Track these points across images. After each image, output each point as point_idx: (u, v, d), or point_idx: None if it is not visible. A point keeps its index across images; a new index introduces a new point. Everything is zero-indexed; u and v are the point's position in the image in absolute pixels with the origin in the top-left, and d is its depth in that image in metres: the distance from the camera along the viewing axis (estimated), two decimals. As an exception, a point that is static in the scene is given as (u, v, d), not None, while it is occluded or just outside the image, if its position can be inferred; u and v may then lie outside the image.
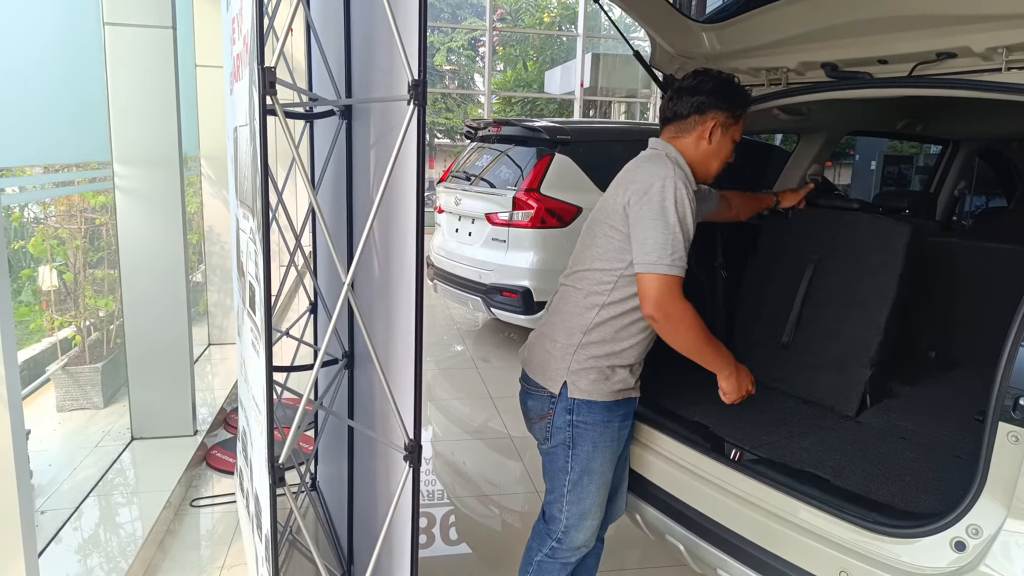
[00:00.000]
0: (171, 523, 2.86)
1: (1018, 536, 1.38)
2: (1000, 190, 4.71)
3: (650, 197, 1.75)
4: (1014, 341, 1.40)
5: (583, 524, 1.95)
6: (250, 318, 1.95)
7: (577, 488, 1.91)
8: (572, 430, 1.89)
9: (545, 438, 1.95)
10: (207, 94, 4.81)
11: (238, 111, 2.09)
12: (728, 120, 1.89)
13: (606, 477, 1.94)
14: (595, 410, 1.88)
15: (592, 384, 1.87)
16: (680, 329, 1.76)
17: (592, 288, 1.87)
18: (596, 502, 1.94)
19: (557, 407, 1.90)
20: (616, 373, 1.88)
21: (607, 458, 1.93)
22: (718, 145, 1.90)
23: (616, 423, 1.92)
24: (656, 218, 1.73)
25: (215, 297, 5.16)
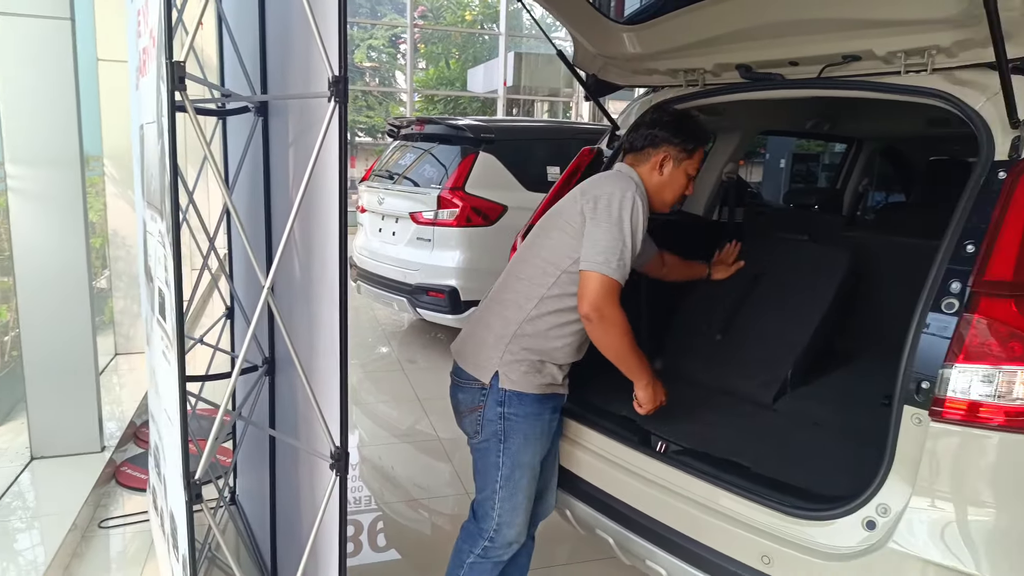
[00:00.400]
0: (78, 546, 2.70)
1: (921, 512, 1.47)
2: (899, 186, 5.00)
3: (610, 203, 1.84)
4: (916, 329, 1.48)
5: (515, 520, 1.95)
6: (160, 326, 1.86)
7: (509, 482, 1.92)
8: (503, 423, 1.90)
9: (476, 431, 1.95)
10: (110, 89, 4.57)
11: (144, 107, 1.99)
12: (680, 154, 2.00)
13: (536, 471, 1.97)
14: (526, 402, 1.90)
15: (523, 376, 1.89)
16: (611, 333, 1.83)
17: (535, 279, 1.92)
18: (528, 496, 1.96)
19: (488, 399, 1.91)
20: (546, 367, 1.92)
21: (537, 451, 1.95)
22: (670, 177, 2.00)
23: (547, 415, 1.95)
24: (612, 223, 1.82)
25: (121, 304, 4.92)
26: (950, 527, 1.44)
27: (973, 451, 1.43)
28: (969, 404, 1.41)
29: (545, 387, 1.93)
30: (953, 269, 1.48)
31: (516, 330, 1.91)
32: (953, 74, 1.75)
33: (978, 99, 1.66)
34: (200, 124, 1.50)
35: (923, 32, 1.75)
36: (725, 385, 2.37)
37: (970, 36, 1.67)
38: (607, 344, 1.85)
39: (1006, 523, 1.41)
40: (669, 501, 1.86)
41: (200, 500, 1.57)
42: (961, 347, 1.42)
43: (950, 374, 1.42)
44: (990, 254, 1.44)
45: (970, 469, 1.44)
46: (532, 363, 1.90)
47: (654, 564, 1.91)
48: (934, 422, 1.44)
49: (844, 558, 1.54)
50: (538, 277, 1.92)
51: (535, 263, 1.94)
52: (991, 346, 1.40)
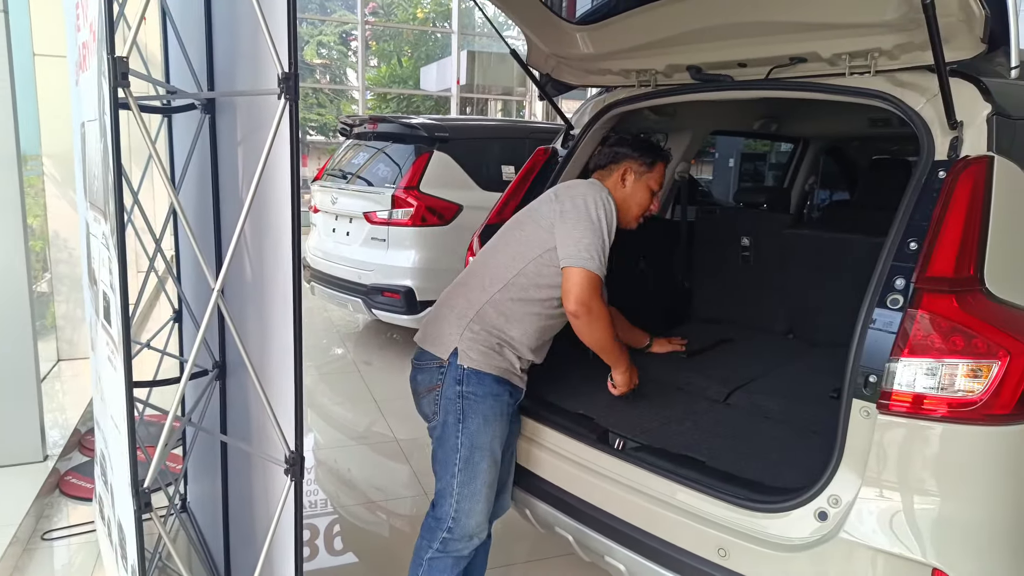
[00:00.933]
0: (19, 559, 2.59)
1: (870, 502, 1.51)
2: (844, 185, 5.15)
3: (586, 203, 1.93)
4: (863, 324, 1.53)
5: (474, 508, 1.94)
6: (105, 330, 1.80)
7: (469, 466, 1.91)
8: (462, 402, 1.90)
9: (434, 412, 1.95)
10: (48, 86, 4.40)
11: (85, 105, 1.92)
12: (640, 167, 2.10)
13: (496, 456, 1.95)
14: (485, 381, 1.90)
15: (482, 355, 1.91)
16: (597, 327, 1.90)
17: (503, 264, 1.96)
18: (487, 482, 1.94)
19: (446, 377, 1.91)
20: (505, 352, 1.94)
21: (496, 434, 1.94)
22: (633, 189, 2.10)
23: (505, 398, 1.95)
24: (590, 221, 1.90)
25: (64, 308, 4.75)
26: (897, 516, 1.48)
27: (918, 442, 1.48)
28: (914, 397, 1.46)
29: (503, 370, 1.93)
30: (897, 266, 1.52)
31: (479, 309, 1.94)
32: (895, 76, 1.81)
33: (918, 100, 1.72)
34: (145, 122, 1.45)
35: (866, 35, 1.80)
36: (679, 381, 2.41)
37: (910, 39, 1.73)
38: (594, 338, 1.94)
39: (949, 511, 1.46)
40: (626, 497, 1.88)
41: (149, 508, 1.53)
42: (906, 341, 1.47)
43: (896, 368, 1.47)
44: (932, 251, 1.49)
45: (915, 459, 1.49)
46: (492, 344, 1.92)
47: (613, 560, 1.93)
48: (881, 414, 1.48)
49: (797, 549, 1.57)
50: (506, 262, 1.97)
51: (505, 251, 2.00)
52: (934, 340, 1.45)
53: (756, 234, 3.04)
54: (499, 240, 2.08)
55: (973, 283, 1.48)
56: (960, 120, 1.60)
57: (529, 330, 1.96)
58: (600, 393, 2.20)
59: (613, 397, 2.17)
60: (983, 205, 1.51)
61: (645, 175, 2.11)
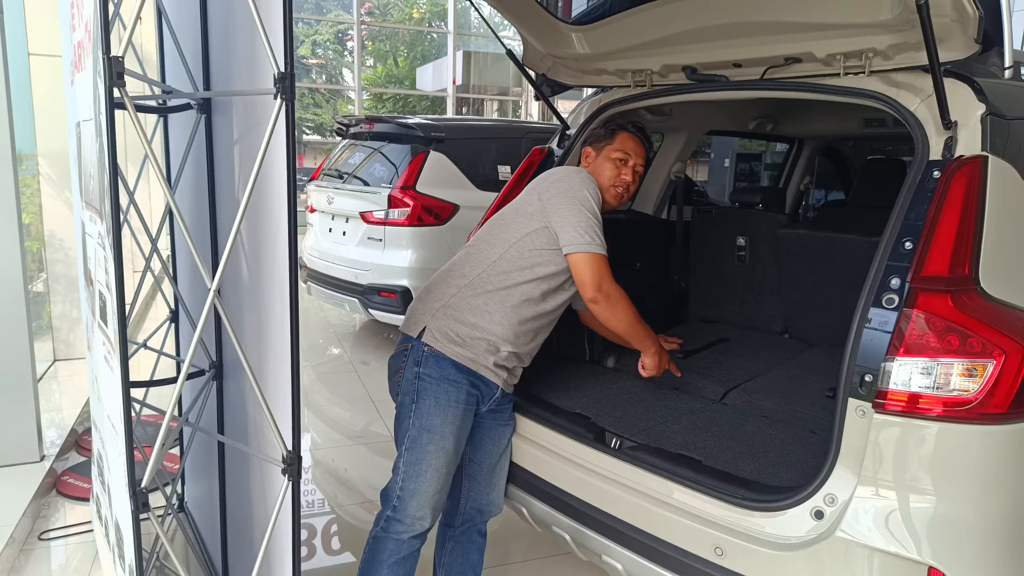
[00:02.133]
0: (16, 560, 2.59)
1: (866, 501, 1.52)
2: (838, 185, 5.16)
3: (570, 186, 1.92)
4: (859, 323, 1.53)
5: (418, 490, 1.89)
6: (101, 330, 1.80)
7: (416, 446, 1.88)
8: (417, 382, 1.89)
9: (397, 393, 1.97)
10: (43, 85, 4.39)
11: (81, 104, 1.92)
12: (597, 143, 2.12)
13: (447, 443, 1.89)
14: (443, 364, 1.89)
15: (448, 340, 1.90)
16: (618, 308, 1.91)
17: (484, 250, 1.97)
18: (433, 467, 1.89)
19: (408, 359, 1.92)
20: (475, 343, 1.91)
21: (449, 421, 1.89)
22: (596, 164, 2.09)
23: (463, 386, 1.90)
24: (577, 203, 1.89)
25: (60, 308, 4.74)
26: (893, 515, 1.49)
27: (914, 441, 1.48)
28: (910, 396, 1.47)
29: (468, 359, 1.90)
30: (892, 266, 1.53)
31: (455, 294, 1.93)
32: (889, 76, 1.81)
33: (913, 101, 1.73)
34: (140, 122, 1.45)
35: (861, 36, 1.81)
36: (675, 380, 2.42)
37: (904, 40, 1.73)
38: (616, 321, 1.93)
39: (944, 510, 1.47)
40: (623, 496, 1.88)
41: (147, 508, 1.52)
42: (902, 341, 1.47)
43: (891, 367, 1.48)
44: (927, 251, 1.50)
45: (911, 459, 1.49)
46: (461, 332, 1.90)
47: (610, 559, 1.93)
48: (877, 414, 1.49)
49: (794, 547, 1.58)
50: (487, 249, 1.97)
51: (487, 239, 2.00)
52: (929, 339, 1.46)
53: (752, 234, 3.04)
54: (483, 232, 2.08)
55: (968, 282, 1.49)
56: (954, 120, 1.61)
57: (507, 322, 1.92)
58: (597, 392, 2.21)
59: (610, 396, 2.17)
60: (978, 205, 1.52)
61: (604, 148, 2.10)
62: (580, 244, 1.85)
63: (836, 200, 5.24)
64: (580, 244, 1.85)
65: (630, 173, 2.09)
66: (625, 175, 2.07)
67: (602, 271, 1.86)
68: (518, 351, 1.97)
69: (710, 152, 12.13)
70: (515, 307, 1.92)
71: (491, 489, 2.12)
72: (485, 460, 2.09)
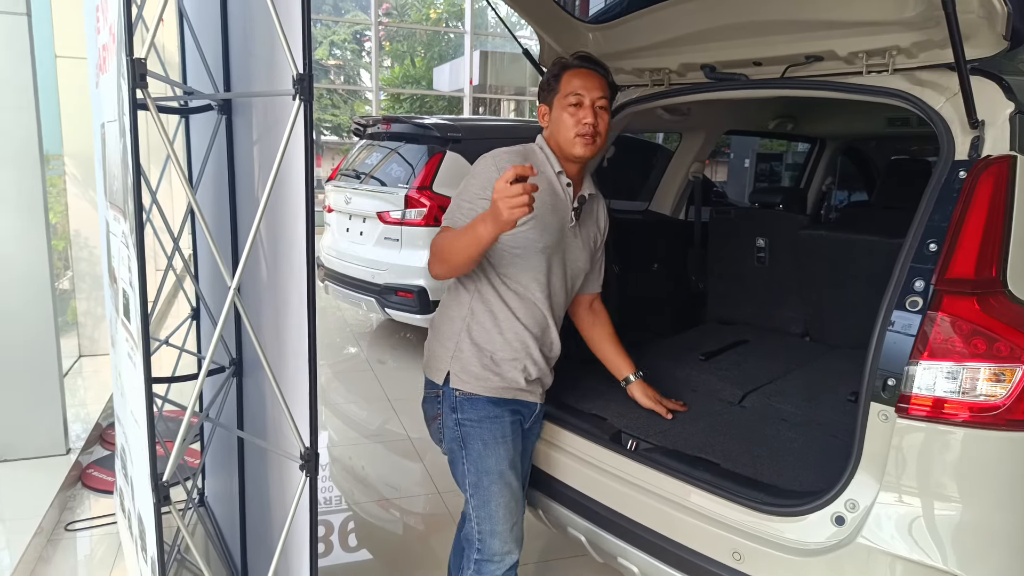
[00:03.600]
0: (44, 550, 2.64)
1: (888, 507, 1.49)
2: (861, 185, 5.10)
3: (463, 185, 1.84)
4: (882, 326, 1.51)
5: (495, 529, 1.85)
6: (125, 327, 1.82)
7: (479, 491, 1.84)
8: (460, 429, 1.83)
9: (440, 439, 1.92)
10: (70, 87, 4.46)
11: (105, 106, 1.95)
12: (547, 95, 1.86)
13: (507, 478, 1.84)
14: (478, 405, 1.82)
15: (474, 377, 1.81)
16: (434, 258, 1.78)
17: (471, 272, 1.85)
18: (503, 504, 1.84)
19: (443, 406, 1.85)
20: (501, 367, 1.82)
21: (502, 456, 1.84)
22: (554, 117, 1.84)
23: (506, 418, 1.84)
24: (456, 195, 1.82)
25: (85, 306, 4.81)
26: (917, 522, 1.46)
27: (938, 447, 1.46)
28: (934, 400, 1.44)
29: (501, 389, 1.83)
30: (916, 267, 1.50)
31: (467, 323, 1.83)
32: (914, 74, 1.78)
33: (938, 99, 1.70)
34: (163, 122, 1.46)
35: (884, 33, 1.78)
36: (693, 382, 2.40)
37: (929, 37, 1.70)
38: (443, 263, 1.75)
39: (971, 517, 1.44)
40: (640, 498, 1.87)
41: (168, 502, 1.55)
42: (926, 344, 1.45)
43: (915, 371, 1.45)
44: (952, 252, 1.47)
45: (936, 465, 1.46)
46: (484, 362, 1.81)
47: (626, 561, 1.92)
48: (900, 418, 1.46)
49: (814, 553, 1.56)
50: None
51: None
52: (955, 343, 1.43)
53: (772, 235, 3.02)
54: None
55: (995, 285, 1.46)
56: (981, 119, 1.57)
57: (502, 320, 1.82)
58: (614, 394, 2.19)
59: (627, 397, 2.16)
60: (1005, 205, 1.49)
61: (554, 98, 1.83)
62: (444, 219, 1.81)
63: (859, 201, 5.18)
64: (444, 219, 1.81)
65: (589, 113, 1.79)
66: (584, 117, 1.78)
67: (435, 239, 1.78)
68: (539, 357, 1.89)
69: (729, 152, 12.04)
70: (501, 310, 1.82)
71: (524, 502, 2.03)
72: (525, 472, 2.04)
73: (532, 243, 1.80)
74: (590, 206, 1.99)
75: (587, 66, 1.84)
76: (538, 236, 1.80)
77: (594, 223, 2.02)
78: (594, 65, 1.86)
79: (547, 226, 1.81)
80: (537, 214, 1.76)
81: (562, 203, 1.86)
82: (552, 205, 1.84)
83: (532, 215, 1.70)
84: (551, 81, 1.86)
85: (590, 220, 1.99)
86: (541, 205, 1.77)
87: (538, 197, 1.68)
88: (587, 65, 1.85)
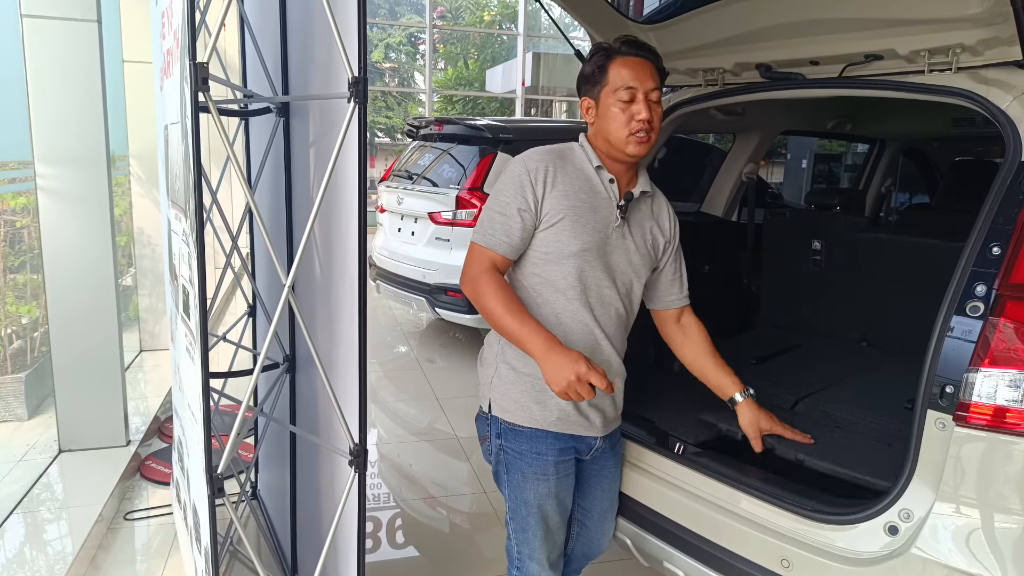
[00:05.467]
0: (104, 538, 2.74)
1: (945, 518, 1.45)
2: (923, 187, 4.93)
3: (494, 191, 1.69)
4: (940, 332, 1.46)
5: (532, 554, 1.77)
6: (184, 323, 1.88)
7: (516, 517, 1.76)
8: (503, 455, 1.73)
9: (489, 460, 1.83)
10: (136, 90, 4.64)
11: (168, 108, 2.02)
12: (592, 87, 1.68)
13: (546, 511, 1.73)
14: (520, 438, 1.69)
15: (516, 405, 1.68)
16: (483, 300, 1.60)
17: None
18: (539, 536, 1.75)
19: (491, 428, 1.75)
20: (543, 394, 1.65)
21: (542, 493, 1.71)
22: (600, 113, 1.67)
23: (550, 457, 1.69)
24: (488, 204, 1.68)
25: (146, 301, 4.98)
26: (975, 534, 1.41)
27: (999, 457, 1.40)
28: (995, 409, 1.38)
29: (546, 422, 1.67)
30: (978, 271, 1.45)
31: (501, 343, 1.70)
32: (979, 73, 1.72)
33: (1004, 98, 1.64)
34: (223, 125, 1.51)
35: (947, 31, 1.72)
36: None
37: (996, 35, 1.64)
38: (483, 312, 1.61)
39: (1032, 530, 1.39)
40: (687, 502, 1.85)
41: (222, 494, 1.59)
42: (987, 351, 1.39)
43: (975, 378, 1.40)
44: (1016, 256, 1.41)
45: (996, 476, 1.41)
46: (525, 388, 1.67)
47: (671, 566, 1.90)
48: (958, 427, 1.42)
49: (865, 563, 1.52)
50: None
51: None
52: (1018, 350, 1.37)
53: (828, 237, 2.94)
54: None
55: (1061, 291, 1.40)
56: (1051, 119, 1.51)
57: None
58: (661, 395, 2.17)
59: (675, 400, 2.13)
60: (1074, 208, 1.43)
61: (601, 92, 1.65)
62: (474, 234, 1.67)
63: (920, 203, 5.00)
64: (474, 234, 1.67)
65: (644, 107, 1.60)
66: (638, 113, 1.60)
67: (471, 259, 1.64)
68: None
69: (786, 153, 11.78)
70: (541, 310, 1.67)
71: (601, 535, 1.95)
72: (595, 507, 1.89)
73: (564, 245, 1.64)
74: (644, 204, 1.78)
75: (636, 52, 1.64)
76: (571, 237, 1.63)
77: (652, 223, 1.79)
78: (643, 51, 1.65)
79: (584, 225, 1.64)
80: (568, 214, 1.63)
81: (603, 200, 1.69)
82: (590, 203, 1.67)
83: (563, 215, 1.62)
84: (595, 72, 1.66)
85: (646, 220, 1.77)
86: (576, 202, 1.64)
87: (572, 195, 1.64)
88: (636, 52, 1.64)
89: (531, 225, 1.64)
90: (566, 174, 1.66)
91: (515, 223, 1.62)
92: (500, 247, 1.63)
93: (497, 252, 1.63)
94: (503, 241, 1.63)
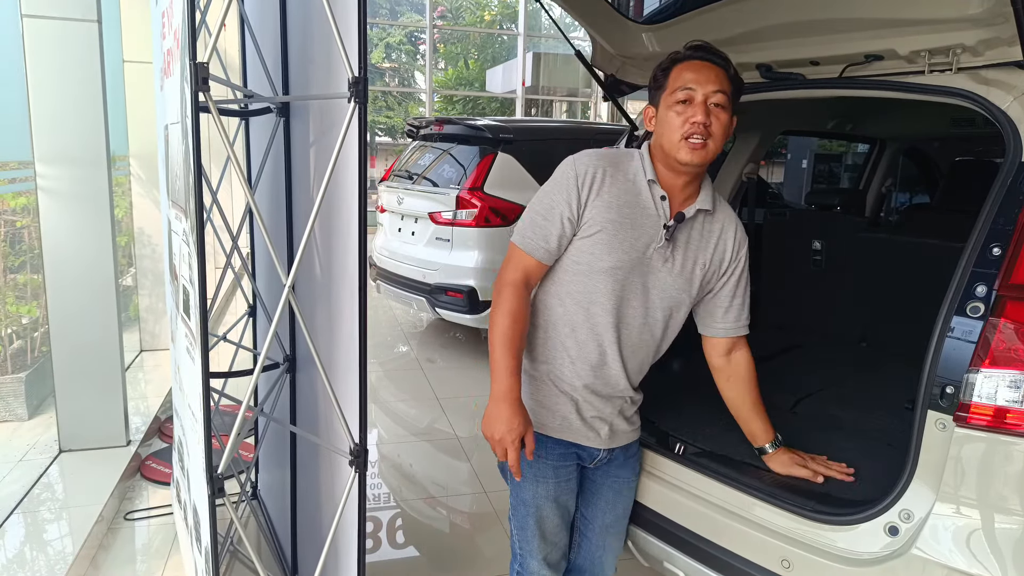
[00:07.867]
0: (104, 538, 2.74)
1: (945, 519, 1.45)
2: (923, 187, 4.93)
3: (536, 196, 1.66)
4: (940, 333, 1.46)
5: (531, 551, 1.77)
6: (184, 323, 1.88)
7: (516, 515, 1.77)
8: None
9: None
10: (136, 90, 4.64)
11: (169, 108, 2.02)
12: (654, 94, 1.63)
13: (545, 512, 1.73)
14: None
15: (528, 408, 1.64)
16: (496, 310, 1.58)
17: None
18: (538, 535, 1.74)
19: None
20: (555, 402, 1.66)
21: (541, 494, 1.71)
22: (660, 120, 1.60)
23: (551, 461, 1.69)
24: (530, 206, 1.64)
25: (146, 301, 4.99)
26: (976, 535, 1.41)
27: (1000, 458, 1.40)
28: (996, 410, 1.38)
29: (549, 427, 1.67)
30: (978, 272, 1.45)
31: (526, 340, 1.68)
32: (979, 73, 1.72)
33: (1005, 99, 1.64)
34: (223, 125, 1.51)
35: (947, 31, 1.73)
36: None
37: (996, 35, 1.64)
38: (491, 313, 1.60)
39: (1032, 531, 1.39)
40: (687, 503, 1.85)
41: (222, 494, 1.59)
42: (987, 352, 1.39)
43: (975, 379, 1.40)
44: (1017, 257, 1.41)
45: (996, 476, 1.41)
46: (528, 389, 1.67)
47: (672, 566, 1.90)
48: (959, 427, 1.42)
49: (866, 563, 1.52)
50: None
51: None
52: (1018, 351, 1.38)
53: (828, 237, 2.94)
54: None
55: (1062, 291, 1.40)
56: (1051, 119, 1.51)
57: (559, 340, 1.66)
58: (662, 395, 2.17)
59: (675, 399, 2.13)
60: (1074, 209, 1.43)
61: (661, 97, 1.58)
62: (514, 233, 1.64)
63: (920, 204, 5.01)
64: (514, 233, 1.64)
65: (700, 110, 1.51)
66: (693, 115, 1.51)
67: (508, 261, 1.61)
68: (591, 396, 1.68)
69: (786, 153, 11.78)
70: (556, 326, 1.66)
71: (603, 552, 1.87)
72: (596, 519, 1.84)
73: (596, 259, 1.59)
74: (699, 225, 1.67)
75: (702, 57, 1.56)
76: (605, 252, 1.58)
77: (709, 247, 1.69)
78: (711, 55, 1.57)
79: (621, 242, 1.58)
80: (606, 227, 1.57)
81: (649, 217, 1.60)
82: (632, 218, 1.59)
83: (600, 228, 1.57)
84: (658, 77, 1.60)
85: (701, 243, 1.67)
86: (616, 216, 1.58)
87: (615, 207, 1.58)
88: (702, 56, 1.57)
89: (570, 232, 1.61)
90: (615, 183, 1.60)
91: (555, 228, 1.59)
92: (537, 252, 1.60)
93: (533, 257, 1.61)
94: (540, 247, 1.60)
